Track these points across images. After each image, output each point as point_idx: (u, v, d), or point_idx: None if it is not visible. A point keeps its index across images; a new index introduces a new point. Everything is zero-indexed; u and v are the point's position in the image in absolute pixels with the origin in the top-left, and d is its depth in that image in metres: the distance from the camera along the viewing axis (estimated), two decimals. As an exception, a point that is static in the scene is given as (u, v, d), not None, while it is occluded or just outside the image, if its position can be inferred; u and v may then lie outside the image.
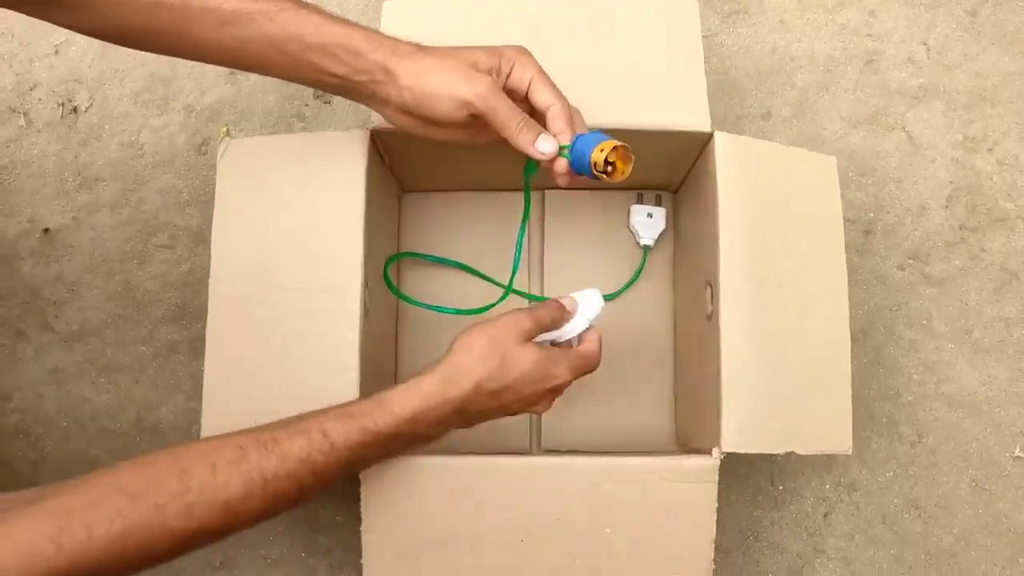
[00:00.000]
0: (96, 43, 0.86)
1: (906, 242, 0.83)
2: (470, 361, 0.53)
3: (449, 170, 0.74)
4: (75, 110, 0.85)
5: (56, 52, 0.86)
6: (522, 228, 0.65)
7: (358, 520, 0.59)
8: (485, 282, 0.77)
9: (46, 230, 0.84)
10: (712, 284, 0.62)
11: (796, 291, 0.61)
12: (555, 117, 0.54)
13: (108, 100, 0.85)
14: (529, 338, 0.55)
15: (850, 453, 0.61)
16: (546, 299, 0.76)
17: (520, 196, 0.65)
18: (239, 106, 0.85)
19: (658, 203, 0.78)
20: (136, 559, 0.44)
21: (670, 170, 0.73)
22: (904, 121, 0.85)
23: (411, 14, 0.66)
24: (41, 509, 0.43)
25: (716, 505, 0.59)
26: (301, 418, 0.51)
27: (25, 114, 0.85)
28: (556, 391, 0.57)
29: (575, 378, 0.57)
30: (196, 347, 0.81)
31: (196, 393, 0.81)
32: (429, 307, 0.74)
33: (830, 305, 0.62)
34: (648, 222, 0.77)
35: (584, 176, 0.55)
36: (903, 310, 0.82)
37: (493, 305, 0.73)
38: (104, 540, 0.43)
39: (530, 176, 0.60)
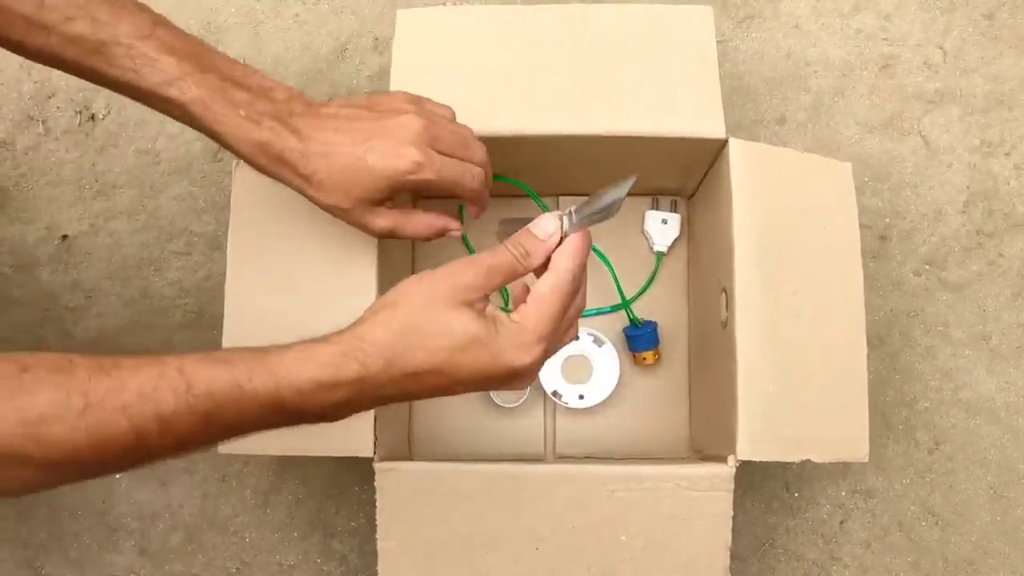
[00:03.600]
0: (113, 51, 0.86)
1: (922, 247, 0.83)
2: (380, 332, 0.41)
3: None
4: (93, 118, 0.86)
5: (74, 60, 0.87)
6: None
7: (373, 526, 0.59)
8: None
9: (64, 237, 0.84)
10: (727, 291, 0.61)
11: (812, 298, 0.61)
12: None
13: (125, 108, 0.86)
14: (470, 297, 0.42)
15: (866, 461, 0.60)
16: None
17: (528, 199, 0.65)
18: (254, 113, 0.86)
19: (673, 209, 0.78)
20: None
21: (685, 176, 0.73)
22: (920, 126, 0.85)
23: (425, 24, 0.66)
24: None
25: (732, 513, 0.59)
26: (162, 353, 0.40)
27: (43, 122, 0.86)
28: (533, 366, 0.42)
29: (557, 330, 0.43)
30: (212, 353, 0.82)
31: (212, 399, 0.82)
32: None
33: (846, 312, 0.62)
34: (662, 228, 0.77)
35: (627, 341, 0.75)
36: (920, 316, 0.82)
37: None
38: None
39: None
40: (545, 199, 0.78)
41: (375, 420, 0.58)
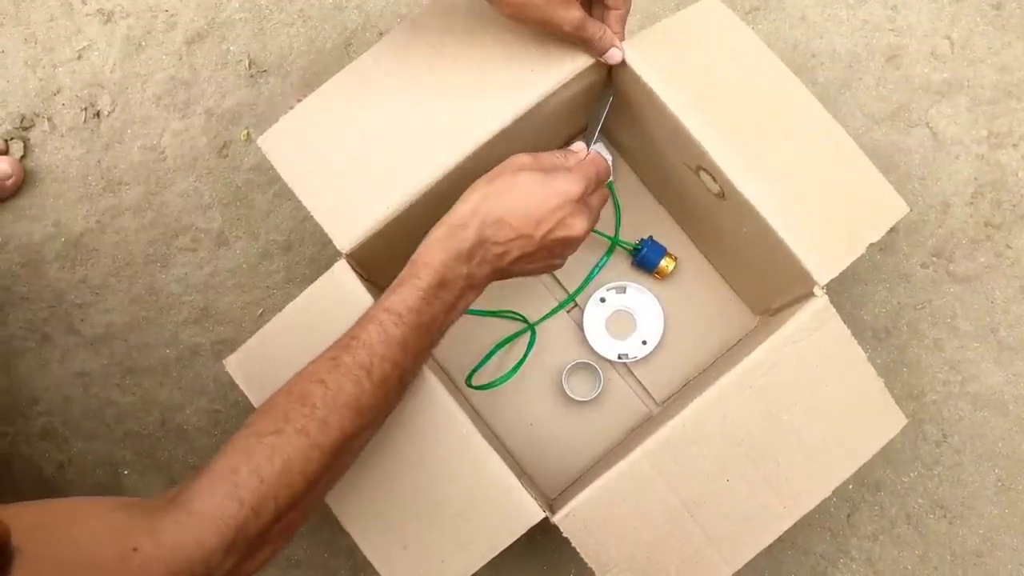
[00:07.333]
0: (118, 47, 0.86)
1: (930, 239, 0.82)
2: (470, 201, 0.55)
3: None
4: (98, 114, 0.86)
5: (79, 57, 0.87)
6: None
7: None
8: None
9: (63, 239, 0.85)
10: (704, 166, 0.62)
11: (776, 124, 0.63)
12: (617, 20, 0.61)
13: (130, 104, 0.86)
14: (524, 169, 0.57)
15: (910, 211, 0.62)
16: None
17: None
18: (259, 109, 0.86)
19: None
20: (303, 484, 0.48)
21: (587, 111, 0.73)
22: (928, 117, 0.84)
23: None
24: (206, 480, 0.46)
25: (849, 331, 0.60)
26: (363, 316, 0.54)
27: (49, 119, 0.86)
28: (577, 208, 0.57)
29: (588, 187, 0.58)
30: (218, 350, 0.82)
31: (219, 395, 0.82)
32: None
33: (809, 112, 0.63)
34: None
35: (642, 268, 0.77)
36: (927, 308, 0.82)
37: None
38: (273, 478, 0.46)
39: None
40: None
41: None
